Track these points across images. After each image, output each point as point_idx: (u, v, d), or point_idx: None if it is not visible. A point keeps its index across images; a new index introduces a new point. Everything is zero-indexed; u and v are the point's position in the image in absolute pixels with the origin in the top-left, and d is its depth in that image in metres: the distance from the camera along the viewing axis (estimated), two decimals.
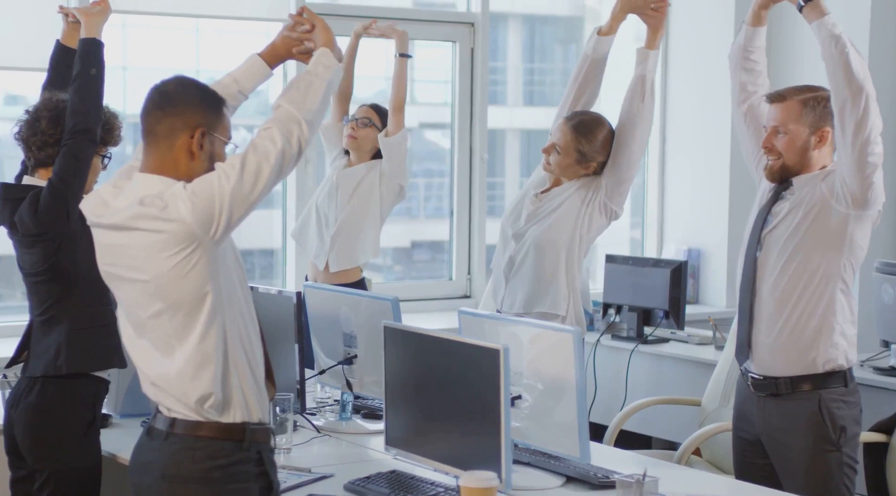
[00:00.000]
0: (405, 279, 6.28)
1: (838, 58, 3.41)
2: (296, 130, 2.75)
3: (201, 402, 2.73)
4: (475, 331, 3.56)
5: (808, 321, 3.58)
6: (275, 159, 2.71)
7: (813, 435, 3.58)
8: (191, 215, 2.63)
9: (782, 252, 3.61)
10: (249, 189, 2.68)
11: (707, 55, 6.42)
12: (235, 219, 2.68)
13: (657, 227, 6.72)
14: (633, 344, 5.51)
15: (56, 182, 3.48)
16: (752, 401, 3.71)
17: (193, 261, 2.66)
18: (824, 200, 3.54)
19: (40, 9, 5.02)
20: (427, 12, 6.10)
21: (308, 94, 2.83)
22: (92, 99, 3.56)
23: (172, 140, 2.74)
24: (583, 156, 4.13)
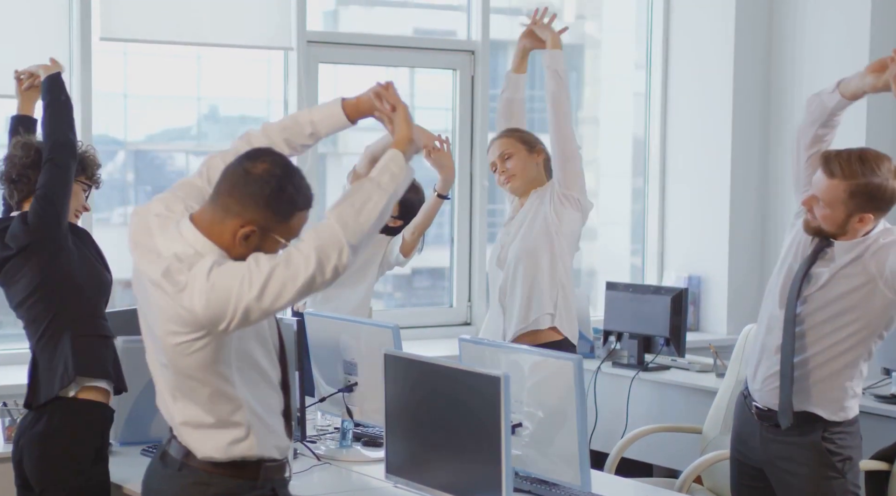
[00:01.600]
0: (406, 306, 6.28)
1: None
2: (334, 258, 2.61)
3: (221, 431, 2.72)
4: (476, 358, 3.56)
5: (823, 379, 3.56)
6: (301, 283, 2.59)
7: (817, 463, 3.56)
8: (202, 310, 2.56)
9: (816, 315, 3.55)
10: (268, 305, 2.58)
11: (707, 81, 6.44)
12: (247, 323, 2.61)
13: (657, 255, 6.72)
14: (633, 371, 5.50)
15: (43, 192, 3.53)
16: (752, 426, 3.69)
17: (199, 346, 2.62)
18: (871, 280, 3.48)
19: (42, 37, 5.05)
20: (428, 40, 6.12)
21: (363, 212, 2.66)
22: (66, 117, 3.66)
23: (225, 217, 2.65)
24: (528, 144, 4.49)
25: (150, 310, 2.69)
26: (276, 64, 5.69)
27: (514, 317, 4.42)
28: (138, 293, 2.76)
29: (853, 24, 6.00)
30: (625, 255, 6.82)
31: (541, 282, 4.37)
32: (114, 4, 5.15)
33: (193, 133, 5.76)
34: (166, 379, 2.73)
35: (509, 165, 4.49)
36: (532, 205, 4.47)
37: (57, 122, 3.63)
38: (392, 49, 5.95)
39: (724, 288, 6.40)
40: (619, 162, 6.87)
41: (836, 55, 6.08)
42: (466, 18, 6.14)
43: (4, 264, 3.60)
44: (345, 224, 2.62)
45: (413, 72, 6.21)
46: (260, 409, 2.77)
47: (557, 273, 4.38)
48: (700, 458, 4.48)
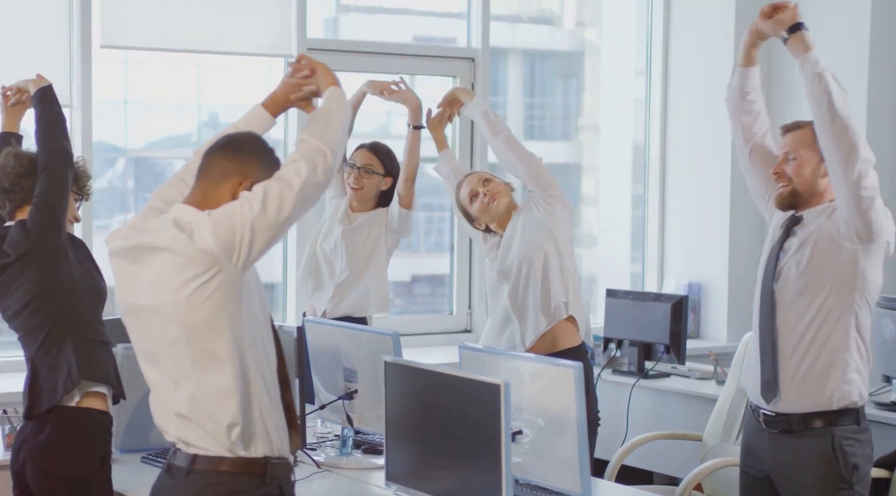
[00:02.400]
0: (406, 313, 6.27)
1: (821, 96, 3.42)
2: (321, 161, 2.77)
3: (229, 430, 2.72)
4: (476, 365, 3.55)
5: (821, 357, 3.56)
6: (298, 188, 2.73)
7: (825, 472, 3.56)
8: (213, 241, 2.66)
9: (794, 288, 3.59)
10: (273, 217, 2.70)
11: (706, 87, 6.44)
12: (258, 246, 2.70)
13: (657, 262, 6.72)
14: (634, 378, 5.50)
15: (42, 199, 3.54)
16: (762, 437, 3.68)
17: (213, 288, 2.68)
18: (832, 237, 3.54)
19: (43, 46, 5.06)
20: (428, 47, 6.13)
21: (328, 126, 2.86)
22: (60, 126, 3.67)
23: (222, 181, 2.80)
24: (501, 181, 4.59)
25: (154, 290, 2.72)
26: (276, 71, 5.69)
27: (533, 318, 4.39)
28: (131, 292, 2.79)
29: (853, 30, 6.01)
30: (625, 262, 6.82)
31: (552, 275, 4.38)
32: (114, 12, 5.16)
33: (193, 140, 5.76)
34: (179, 356, 2.72)
35: (492, 185, 4.52)
36: (518, 218, 4.47)
37: (52, 130, 3.64)
38: (392, 56, 5.96)
39: (725, 295, 6.39)
40: (619, 168, 6.87)
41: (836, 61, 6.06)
42: (466, 26, 6.15)
43: (3, 271, 3.59)
44: (320, 136, 2.82)
45: (413, 79, 6.20)
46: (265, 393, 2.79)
47: (564, 263, 4.41)
48: (701, 466, 4.47)
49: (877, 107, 5.97)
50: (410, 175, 4.81)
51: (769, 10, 3.59)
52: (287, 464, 2.85)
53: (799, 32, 3.52)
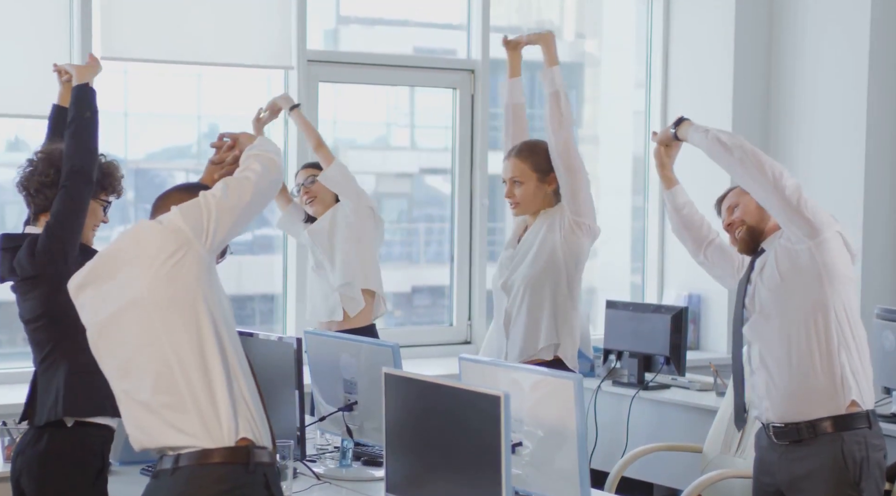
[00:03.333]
0: (406, 324, 6.27)
1: (715, 146, 3.73)
2: (271, 162, 2.99)
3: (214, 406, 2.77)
4: (476, 377, 3.55)
5: (812, 362, 3.61)
6: (255, 179, 2.94)
7: (835, 480, 3.57)
8: (182, 221, 2.84)
9: (766, 306, 3.69)
10: (235, 201, 2.89)
11: (706, 99, 6.45)
12: (224, 227, 2.87)
13: (657, 273, 6.72)
14: (633, 390, 5.50)
15: (53, 223, 3.52)
16: (773, 451, 3.71)
17: (186, 265, 2.81)
18: (787, 249, 3.65)
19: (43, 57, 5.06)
20: (428, 59, 6.14)
21: (268, 148, 3.06)
22: (87, 140, 3.62)
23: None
24: (541, 171, 4.30)
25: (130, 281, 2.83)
26: (276, 83, 5.70)
27: (516, 345, 4.33)
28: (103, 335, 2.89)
29: (852, 42, 6.02)
30: (625, 274, 6.82)
31: (544, 315, 4.27)
32: (114, 23, 5.17)
33: (194, 151, 5.77)
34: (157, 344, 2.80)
35: (518, 193, 4.31)
36: (540, 229, 4.31)
37: (76, 143, 3.58)
38: (392, 68, 5.97)
39: (724, 306, 6.39)
40: (619, 180, 6.88)
41: (836, 73, 6.10)
42: (466, 37, 6.16)
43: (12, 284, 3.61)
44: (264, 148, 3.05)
45: (413, 90, 6.22)
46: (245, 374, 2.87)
47: (562, 303, 4.27)
48: (701, 478, 4.47)
49: (877, 107, 5.98)
50: (316, 144, 4.97)
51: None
52: (270, 454, 2.89)
53: (679, 126, 3.92)
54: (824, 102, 6.14)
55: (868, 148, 5.96)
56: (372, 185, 6.14)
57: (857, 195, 6.00)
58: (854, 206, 5.98)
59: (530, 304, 4.28)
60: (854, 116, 6.00)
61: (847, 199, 5.99)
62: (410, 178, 6.38)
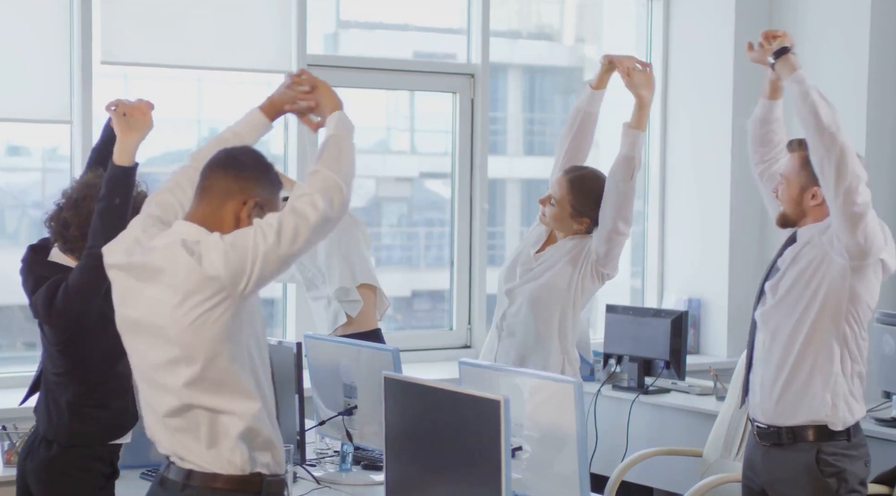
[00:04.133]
0: (405, 328, 6.27)
1: (808, 114, 3.50)
2: (336, 196, 2.76)
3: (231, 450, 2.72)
4: (475, 381, 3.55)
5: (806, 372, 3.59)
6: (314, 222, 2.71)
7: (812, 487, 3.56)
8: (224, 268, 2.65)
9: (783, 302, 3.63)
10: (286, 250, 2.69)
11: (706, 104, 6.45)
12: (266, 276, 2.70)
13: (657, 277, 6.72)
14: (633, 394, 5.49)
15: (72, 292, 3.43)
16: (758, 451, 3.72)
17: (217, 314, 2.67)
18: (825, 253, 3.56)
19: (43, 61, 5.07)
20: (428, 63, 6.14)
21: (341, 157, 2.85)
22: (112, 226, 3.38)
23: (224, 200, 2.78)
24: (577, 211, 4.19)
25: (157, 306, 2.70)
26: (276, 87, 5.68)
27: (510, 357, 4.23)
28: (129, 305, 2.77)
29: (852, 45, 6.02)
30: (625, 278, 6.81)
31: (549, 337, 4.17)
32: (115, 28, 5.17)
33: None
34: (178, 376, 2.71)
35: (548, 211, 4.22)
36: (563, 256, 4.19)
37: (102, 227, 3.40)
38: (392, 72, 5.97)
39: (725, 310, 6.39)
40: None
41: (836, 77, 6.10)
42: (466, 42, 6.16)
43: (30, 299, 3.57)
44: (334, 169, 2.81)
45: (413, 95, 6.23)
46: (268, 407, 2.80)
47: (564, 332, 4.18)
48: (701, 482, 4.47)
49: (877, 108, 5.98)
50: None
51: (763, 37, 3.72)
52: (281, 482, 2.85)
53: (783, 56, 3.64)
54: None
55: (868, 150, 5.96)
56: (372, 189, 6.14)
57: None
58: None
59: (529, 323, 4.19)
60: (854, 119, 5.99)
61: None
62: (410, 182, 6.38)
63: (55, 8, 5.07)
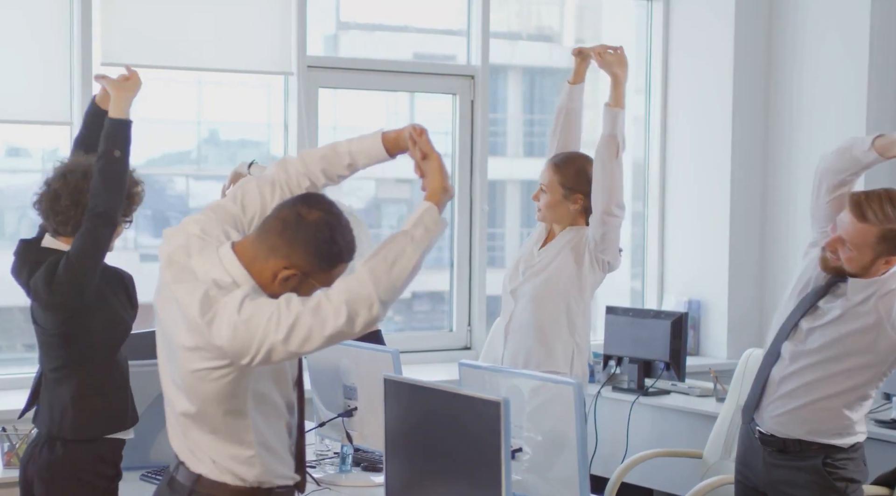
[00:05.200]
0: (405, 330, 6.27)
1: None
2: (364, 313, 2.57)
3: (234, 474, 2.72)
4: (476, 383, 3.55)
5: (829, 410, 3.57)
6: (329, 333, 2.56)
7: (818, 487, 3.57)
8: (228, 343, 2.55)
9: (821, 351, 3.56)
10: (294, 349, 2.56)
11: (706, 105, 6.46)
12: (272, 361, 2.59)
13: (657, 278, 6.72)
14: (633, 396, 5.49)
15: (73, 260, 3.43)
16: (756, 450, 3.70)
17: (219, 375, 2.62)
18: (879, 322, 3.48)
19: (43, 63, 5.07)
20: (428, 65, 6.14)
21: (395, 266, 2.60)
22: (114, 181, 3.47)
23: (271, 255, 2.65)
24: (567, 189, 4.22)
25: (174, 328, 2.66)
26: (276, 88, 5.70)
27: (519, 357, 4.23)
28: (162, 309, 2.72)
29: (852, 48, 6.02)
30: (625, 279, 6.81)
31: (557, 332, 4.19)
32: (115, 29, 5.17)
33: (193, 157, 5.77)
34: (179, 398, 2.71)
35: (542, 201, 4.27)
36: (562, 249, 4.22)
37: (104, 182, 3.44)
38: (392, 74, 5.97)
39: (725, 312, 6.39)
40: None
41: (836, 79, 6.10)
42: (466, 43, 6.17)
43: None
44: (377, 280, 2.58)
45: (413, 96, 6.23)
46: (272, 441, 2.77)
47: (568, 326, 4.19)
48: (701, 483, 4.46)
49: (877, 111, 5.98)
50: None
51: None
52: (290, 489, 2.85)
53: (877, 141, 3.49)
54: (824, 109, 6.14)
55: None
56: (372, 190, 6.14)
57: None
58: None
59: (535, 320, 4.20)
60: (854, 122, 6.00)
61: None
62: (410, 183, 6.38)
63: (55, 9, 5.08)
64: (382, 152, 2.86)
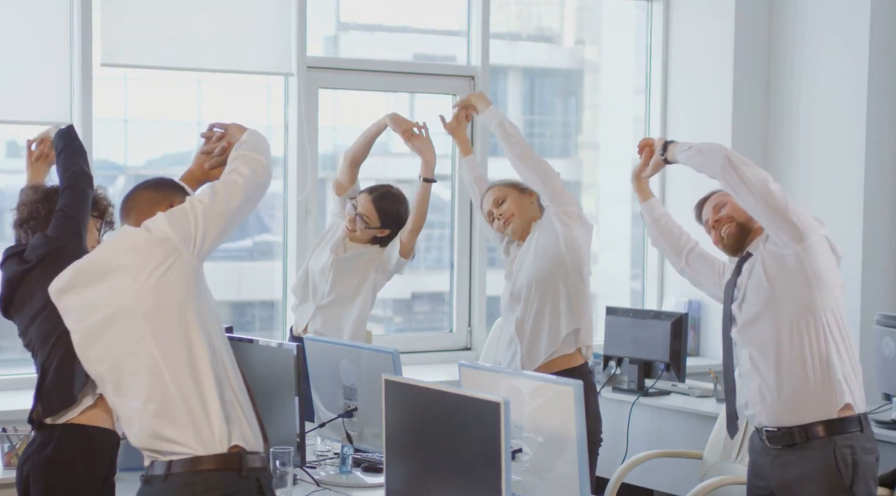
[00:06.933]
0: (405, 331, 6.27)
1: (702, 163, 3.72)
2: (258, 165, 2.98)
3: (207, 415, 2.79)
4: (475, 383, 3.55)
5: (804, 366, 3.62)
6: (243, 183, 2.94)
7: (827, 484, 3.58)
8: (170, 229, 2.84)
9: (756, 312, 3.69)
10: (223, 207, 2.89)
11: (705, 105, 6.46)
12: (212, 235, 2.87)
13: (657, 279, 6.72)
14: (633, 396, 5.49)
15: (62, 210, 3.57)
16: (766, 456, 3.71)
17: (174, 275, 2.82)
18: (774, 253, 3.65)
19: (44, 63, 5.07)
20: (428, 65, 6.14)
21: (256, 145, 3.07)
22: (80, 153, 3.70)
23: (152, 207, 2.97)
24: (518, 188, 4.54)
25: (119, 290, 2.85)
26: (276, 89, 5.71)
27: (536, 345, 4.37)
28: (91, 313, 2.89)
29: (852, 50, 6.02)
30: (625, 280, 6.82)
31: (561, 303, 4.36)
32: (115, 30, 5.17)
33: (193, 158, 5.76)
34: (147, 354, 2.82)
35: (504, 207, 4.50)
36: (534, 236, 4.46)
37: (72, 158, 3.67)
38: (392, 74, 5.97)
39: None
40: (619, 186, 6.87)
41: (835, 79, 6.11)
42: (466, 44, 6.17)
43: (23, 279, 3.59)
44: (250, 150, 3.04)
45: (413, 97, 6.23)
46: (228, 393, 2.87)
47: (577, 288, 4.37)
48: (701, 484, 4.46)
49: (877, 112, 5.99)
50: (416, 227, 4.70)
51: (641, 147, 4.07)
52: (263, 459, 2.92)
53: (666, 151, 3.92)
54: (824, 109, 6.14)
55: (868, 154, 5.97)
56: None
57: (856, 201, 6.00)
58: (854, 211, 5.99)
59: (542, 301, 4.36)
60: (854, 123, 6.00)
61: (847, 204, 5.99)
62: (410, 184, 6.38)
63: (55, 10, 5.08)
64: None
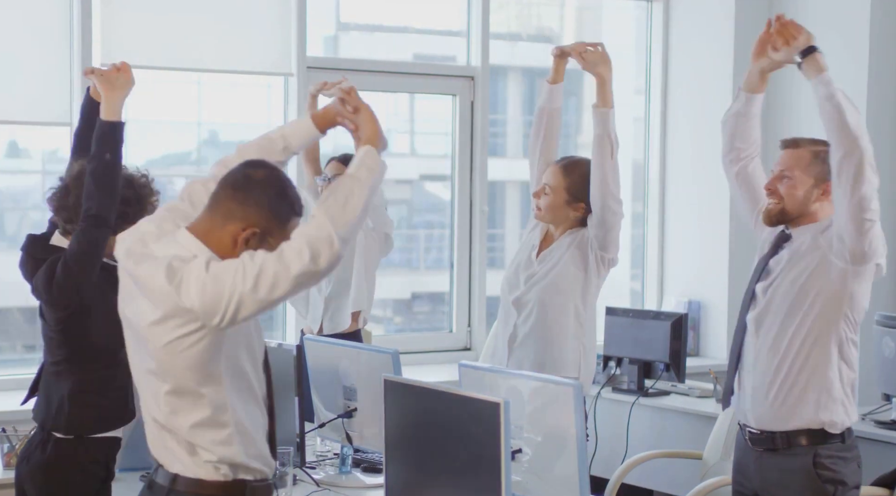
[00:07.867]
0: (405, 331, 6.27)
1: (834, 115, 3.43)
2: (325, 251, 2.64)
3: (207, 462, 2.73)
4: (475, 384, 3.55)
5: (804, 376, 3.54)
6: (295, 274, 2.62)
7: (809, 492, 3.54)
8: (199, 302, 2.60)
9: (780, 306, 3.58)
10: (263, 296, 2.61)
11: (706, 106, 6.45)
12: (243, 316, 2.63)
13: (657, 279, 6.72)
14: (633, 396, 5.49)
15: (69, 261, 3.44)
16: (749, 456, 3.68)
17: (190, 342, 2.64)
18: (823, 255, 3.52)
19: (43, 64, 5.07)
20: (428, 65, 6.14)
21: (347, 205, 2.70)
22: (106, 185, 3.45)
23: (226, 222, 2.71)
24: (572, 196, 4.17)
25: (139, 315, 2.71)
26: (276, 89, 5.71)
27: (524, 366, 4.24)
28: (127, 307, 2.76)
29: (852, 49, 6.02)
30: (624, 280, 6.82)
31: (564, 337, 4.15)
32: (114, 30, 5.17)
33: (193, 158, 5.77)
34: (153, 388, 2.74)
35: (544, 202, 4.20)
36: (563, 253, 4.18)
37: (96, 185, 3.44)
38: (392, 75, 5.97)
39: (724, 313, 6.39)
40: None
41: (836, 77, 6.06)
42: (466, 44, 6.17)
43: None
44: (333, 218, 2.67)
45: (413, 97, 6.23)
46: (247, 421, 2.78)
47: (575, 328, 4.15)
48: (700, 484, 4.46)
49: (877, 112, 5.99)
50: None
51: (779, 28, 3.66)
52: (268, 487, 2.85)
53: (812, 55, 3.58)
54: None
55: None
56: None
57: None
58: None
59: (542, 328, 4.15)
60: None
61: None
62: (410, 184, 6.39)
63: (55, 10, 5.08)
64: (313, 129, 3.02)
